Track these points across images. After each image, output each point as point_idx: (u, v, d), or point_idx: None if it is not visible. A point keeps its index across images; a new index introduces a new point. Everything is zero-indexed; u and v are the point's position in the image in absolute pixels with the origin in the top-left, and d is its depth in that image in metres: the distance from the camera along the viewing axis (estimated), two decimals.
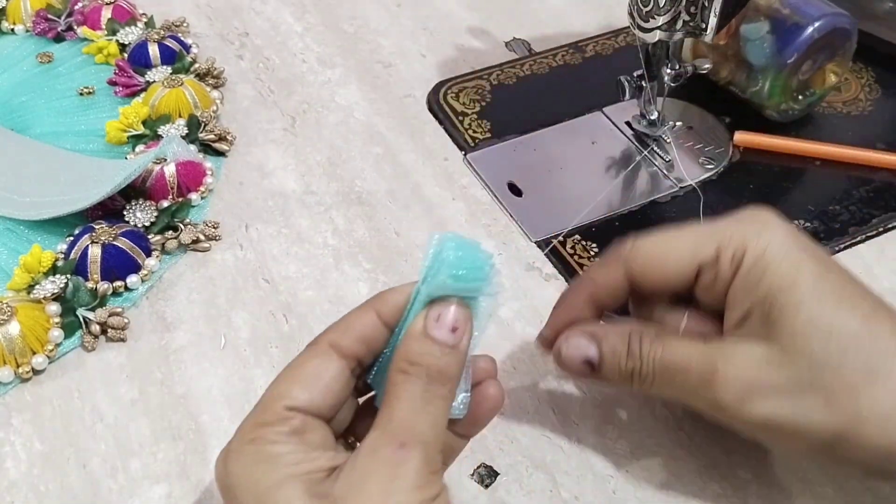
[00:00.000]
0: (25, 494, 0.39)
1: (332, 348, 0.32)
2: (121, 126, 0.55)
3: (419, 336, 0.30)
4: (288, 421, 0.30)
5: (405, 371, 0.30)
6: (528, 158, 0.55)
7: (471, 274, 0.30)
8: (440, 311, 0.30)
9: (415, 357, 0.30)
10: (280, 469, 0.29)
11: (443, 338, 0.30)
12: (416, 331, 0.31)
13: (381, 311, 0.32)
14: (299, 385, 0.31)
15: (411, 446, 0.29)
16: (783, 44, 0.52)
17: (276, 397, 0.31)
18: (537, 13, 0.67)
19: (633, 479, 0.39)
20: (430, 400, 0.30)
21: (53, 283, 0.45)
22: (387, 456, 0.29)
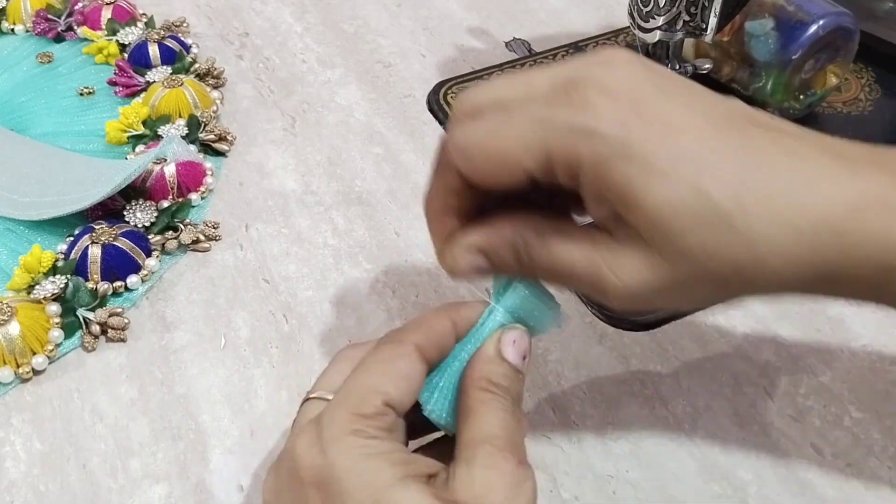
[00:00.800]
0: (25, 494, 0.39)
1: (418, 350, 0.31)
2: (121, 126, 0.55)
3: (496, 358, 0.31)
4: (384, 417, 0.29)
5: (489, 390, 0.30)
6: None
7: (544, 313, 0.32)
8: (514, 336, 0.31)
9: (496, 378, 0.31)
10: (396, 467, 0.28)
11: (517, 362, 0.31)
12: (490, 353, 0.31)
13: (455, 322, 0.32)
14: (393, 382, 0.30)
15: (527, 466, 0.29)
16: (787, 40, 0.52)
17: (373, 391, 0.30)
18: (537, 13, 0.67)
19: (633, 479, 0.39)
20: (518, 419, 0.30)
21: (53, 284, 0.45)
22: (510, 471, 0.29)
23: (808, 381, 0.43)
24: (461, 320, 0.32)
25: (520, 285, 0.32)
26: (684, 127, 0.29)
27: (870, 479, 0.39)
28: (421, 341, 0.31)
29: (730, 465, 0.39)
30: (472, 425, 0.30)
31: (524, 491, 0.28)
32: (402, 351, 0.31)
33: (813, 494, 0.38)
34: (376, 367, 0.31)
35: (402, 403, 0.30)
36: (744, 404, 0.42)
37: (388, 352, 0.31)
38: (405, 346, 0.31)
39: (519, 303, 0.32)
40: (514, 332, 0.31)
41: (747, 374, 0.43)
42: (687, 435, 0.41)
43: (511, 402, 0.30)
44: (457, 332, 0.32)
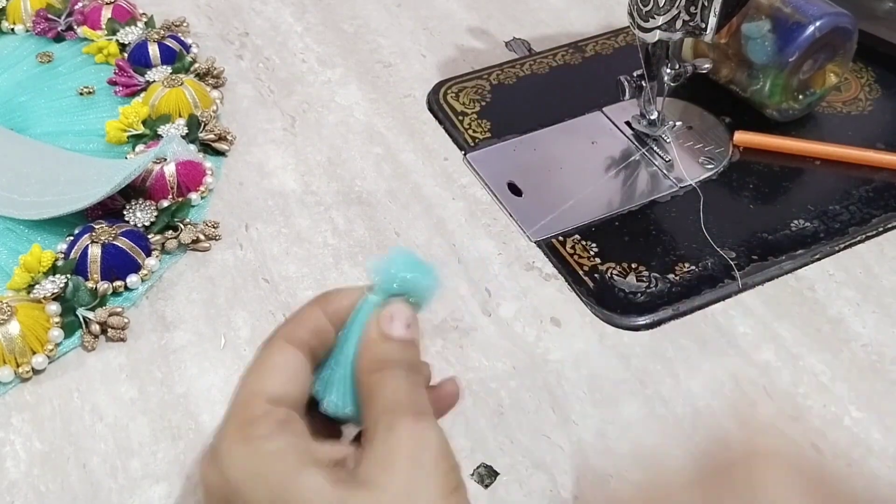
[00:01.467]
0: (25, 494, 0.39)
1: (289, 342, 0.31)
2: (121, 126, 0.55)
3: (378, 339, 0.31)
4: (273, 413, 0.29)
5: (381, 369, 0.30)
6: (528, 158, 0.55)
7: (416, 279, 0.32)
8: (391, 312, 0.31)
9: (383, 356, 0.30)
10: (288, 459, 0.28)
11: (401, 334, 0.31)
12: (373, 336, 0.31)
13: (326, 310, 0.32)
14: (271, 378, 0.31)
15: (426, 417, 0.29)
16: (784, 42, 0.52)
17: (254, 394, 0.30)
18: (537, 13, 0.67)
19: (633, 479, 0.39)
20: (416, 385, 0.30)
21: (53, 283, 0.45)
22: (407, 429, 0.28)
23: (808, 381, 0.43)
24: (333, 307, 0.32)
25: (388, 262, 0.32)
26: None
27: (870, 479, 0.39)
28: (289, 332, 0.32)
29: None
30: (372, 407, 0.30)
31: (426, 446, 0.28)
32: (272, 347, 0.32)
33: None
34: (253, 371, 0.31)
35: (288, 394, 0.30)
36: (744, 404, 0.42)
37: (261, 352, 0.32)
38: (274, 340, 0.32)
39: (389, 278, 0.32)
40: (391, 308, 0.31)
41: (747, 374, 0.43)
42: (687, 435, 0.41)
43: (405, 371, 0.30)
44: (332, 320, 0.32)
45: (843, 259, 0.49)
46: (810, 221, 0.51)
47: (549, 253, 0.49)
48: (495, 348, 0.44)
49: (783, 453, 0.33)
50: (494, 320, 0.46)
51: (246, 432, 0.29)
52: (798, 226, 0.50)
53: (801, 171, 0.54)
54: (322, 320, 0.32)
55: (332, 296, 0.33)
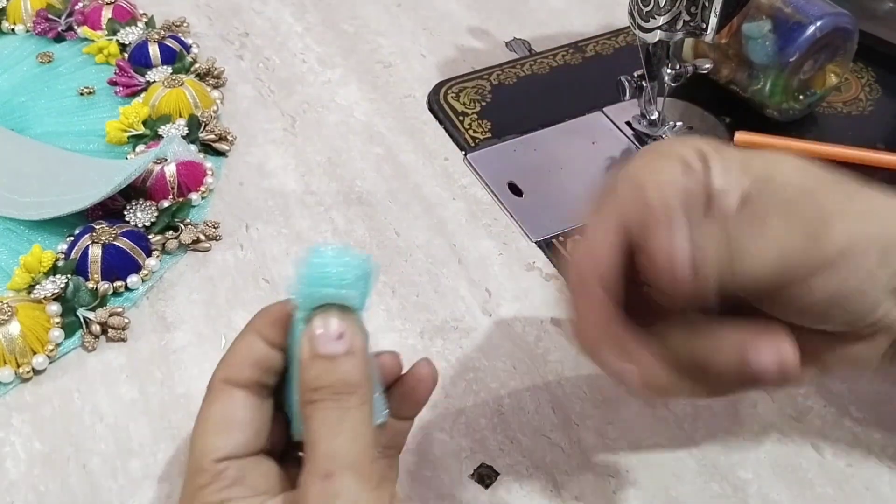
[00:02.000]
0: (25, 494, 0.39)
1: (228, 384, 0.30)
2: (121, 126, 0.55)
3: (310, 360, 0.29)
4: (223, 473, 0.29)
5: (311, 401, 0.29)
6: (528, 158, 0.55)
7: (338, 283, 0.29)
8: (320, 324, 0.29)
9: (314, 383, 0.29)
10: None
11: (332, 350, 0.29)
12: (305, 356, 0.29)
13: (263, 333, 0.31)
14: (214, 434, 0.30)
15: (338, 474, 0.27)
16: (785, 42, 0.52)
17: (201, 455, 0.29)
18: (537, 13, 0.67)
19: (633, 479, 0.39)
20: (344, 416, 0.28)
21: (54, 283, 0.45)
22: (316, 493, 0.27)
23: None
24: (269, 327, 0.31)
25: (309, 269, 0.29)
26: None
27: (870, 479, 0.39)
28: (227, 374, 0.31)
29: (730, 465, 0.39)
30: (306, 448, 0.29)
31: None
32: (211, 397, 0.31)
33: (813, 494, 0.38)
34: (196, 429, 0.30)
35: (239, 445, 0.30)
36: (744, 404, 0.42)
37: (203, 405, 0.31)
38: (213, 389, 0.31)
39: (314, 294, 0.29)
40: (317, 321, 0.29)
41: None
42: (687, 435, 0.41)
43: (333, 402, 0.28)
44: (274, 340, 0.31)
45: None
46: None
47: (550, 253, 0.49)
48: (495, 348, 0.44)
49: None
50: (495, 320, 0.46)
51: (198, 500, 0.29)
52: None
53: None
54: (259, 348, 0.31)
55: (265, 316, 0.31)
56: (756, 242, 0.29)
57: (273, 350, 0.31)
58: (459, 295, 0.47)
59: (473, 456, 0.40)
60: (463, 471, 0.39)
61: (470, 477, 0.39)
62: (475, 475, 0.39)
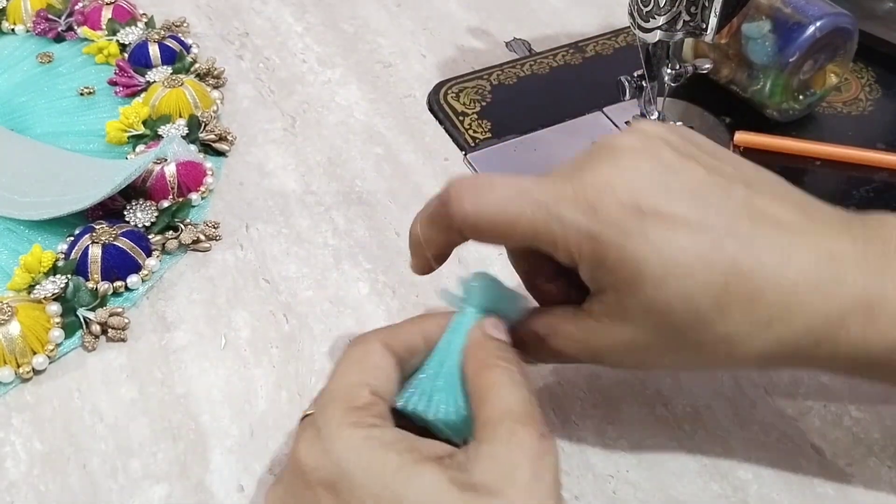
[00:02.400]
0: (25, 494, 0.39)
1: (385, 347, 0.32)
2: (121, 126, 0.55)
3: (486, 339, 0.32)
4: (376, 406, 0.30)
5: (497, 365, 0.31)
6: (528, 158, 0.55)
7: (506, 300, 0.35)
8: (492, 321, 0.33)
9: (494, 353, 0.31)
10: (404, 454, 0.28)
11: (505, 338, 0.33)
12: (479, 337, 0.32)
13: (422, 327, 0.33)
14: (373, 374, 0.31)
15: (549, 438, 0.29)
16: (785, 43, 0.52)
17: (359, 384, 0.30)
18: (537, 13, 0.67)
19: (633, 479, 0.39)
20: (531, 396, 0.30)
21: (54, 283, 0.45)
22: (532, 445, 0.28)
23: (808, 381, 0.43)
24: (427, 329, 0.33)
25: (482, 282, 0.35)
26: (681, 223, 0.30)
27: (870, 479, 0.39)
28: (386, 339, 0.32)
29: (730, 465, 0.39)
30: (488, 405, 0.30)
31: (547, 465, 0.28)
32: (370, 347, 0.32)
33: (813, 494, 0.38)
34: (352, 365, 0.31)
35: (387, 392, 0.31)
36: (744, 404, 0.42)
37: (359, 350, 0.32)
38: (371, 342, 0.32)
39: (485, 299, 0.34)
40: (493, 319, 0.33)
41: (747, 374, 0.43)
42: (687, 435, 0.41)
43: (520, 373, 0.31)
44: (425, 341, 0.33)
45: None
46: None
47: None
48: None
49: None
50: None
51: (353, 418, 0.29)
52: None
53: (801, 171, 0.54)
54: (417, 338, 0.33)
55: (427, 318, 0.34)
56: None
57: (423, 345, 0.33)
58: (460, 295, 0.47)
59: None
60: None
61: None
62: None
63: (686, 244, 0.30)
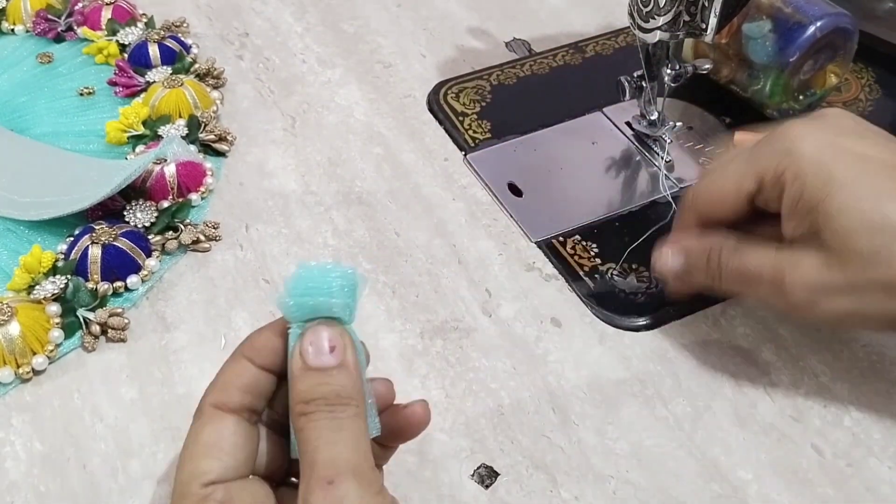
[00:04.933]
0: (25, 494, 0.39)
1: (218, 409, 0.31)
2: (121, 126, 0.55)
3: (302, 373, 0.29)
4: (211, 497, 0.29)
5: (305, 412, 0.29)
6: (528, 159, 0.55)
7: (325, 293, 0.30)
8: (311, 338, 0.30)
9: (306, 395, 0.29)
10: None
11: (325, 363, 0.29)
12: (297, 370, 0.29)
13: (252, 357, 0.31)
14: (203, 458, 0.30)
15: (341, 479, 0.27)
16: (785, 43, 0.52)
17: (189, 479, 0.29)
18: (537, 13, 0.67)
19: (633, 479, 0.39)
20: (341, 426, 0.29)
21: (54, 284, 0.45)
22: (320, 500, 0.27)
23: (808, 381, 0.43)
24: (256, 350, 0.31)
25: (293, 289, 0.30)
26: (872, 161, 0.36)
27: (870, 479, 0.39)
28: (216, 398, 0.31)
29: (730, 465, 0.39)
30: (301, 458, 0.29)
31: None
32: (201, 421, 0.31)
33: (813, 494, 0.38)
34: (184, 453, 0.30)
35: (228, 469, 0.29)
36: (744, 404, 0.42)
37: (192, 429, 0.31)
38: (203, 413, 0.31)
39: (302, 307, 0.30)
40: (308, 335, 0.30)
41: (747, 374, 0.43)
42: (687, 435, 0.41)
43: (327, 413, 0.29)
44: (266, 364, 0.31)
45: None
46: None
47: (550, 253, 0.49)
48: (495, 348, 0.44)
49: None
50: (495, 321, 0.46)
51: None
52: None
53: None
54: (250, 372, 0.31)
55: (254, 339, 0.31)
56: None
57: (263, 374, 0.31)
58: (459, 295, 0.47)
59: (473, 456, 0.40)
60: (463, 471, 0.39)
61: (470, 477, 0.39)
62: (475, 475, 0.39)
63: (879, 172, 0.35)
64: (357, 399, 0.29)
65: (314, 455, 0.28)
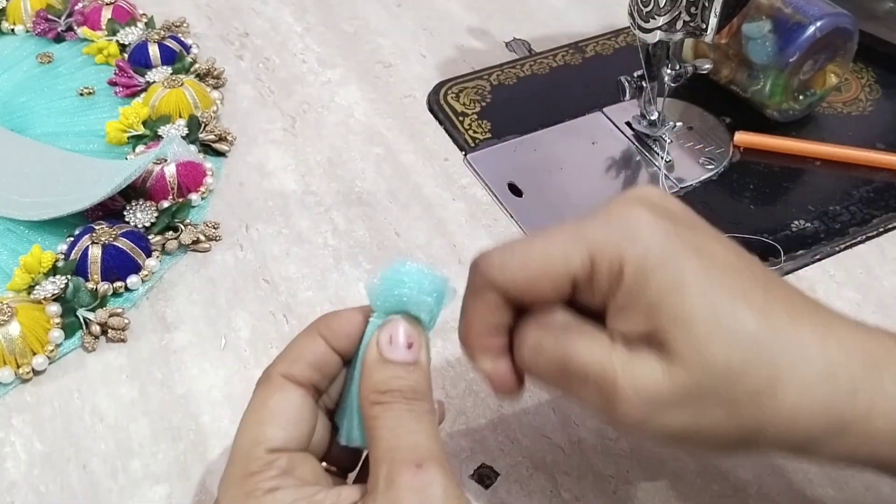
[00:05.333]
0: (25, 495, 0.39)
1: (287, 379, 0.31)
2: (121, 126, 0.55)
3: (378, 364, 0.30)
4: (275, 463, 0.29)
5: (380, 402, 0.29)
6: (528, 158, 0.55)
7: (414, 294, 0.30)
8: (390, 332, 0.30)
9: (382, 386, 0.29)
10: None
11: (402, 357, 0.30)
12: (372, 360, 0.30)
13: (327, 336, 0.31)
14: (270, 424, 0.30)
15: (428, 464, 0.28)
16: (785, 43, 0.52)
17: (254, 443, 0.29)
18: (537, 13, 0.67)
19: (633, 480, 0.39)
20: (419, 417, 0.29)
21: (54, 284, 0.45)
22: (408, 482, 0.27)
23: None
24: (334, 331, 0.31)
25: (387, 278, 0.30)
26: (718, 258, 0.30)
27: (870, 479, 0.39)
28: (287, 369, 0.31)
29: (730, 465, 0.39)
30: (373, 447, 0.29)
31: (430, 497, 0.27)
32: (269, 389, 0.31)
33: (813, 494, 0.38)
34: (248, 418, 0.30)
35: (291, 439, 0.30)
36: None
37: (258, 395, 0.31)
38: (270, 382, 0.31)
39: (390, 300, 0.30)
40: (388, 327, 0.30)
41: None
42: None
43: (405, 402, 0.29)
44: (337, 345, 0.31)
45: (843, 260, 0.49)
46: (811, 222, 0.51)
47: None
48: None
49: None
50: None
51: (248, 487, 0.29)
52: (798, 226, 0.50)
53: (801, 171, 0.54)
54: (321, 349, 0.31)
55: (332, 319, 0.32)
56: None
57: (332, 354, 0.31)
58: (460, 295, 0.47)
59: (473, 456, 0.40)
60: (463, 471, 0.39)
61: (470, 477, 0.39)
62: (475, 475, 0.39)
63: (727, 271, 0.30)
64: (429, 396, 0.30)
65: (396, 441, 0.28)
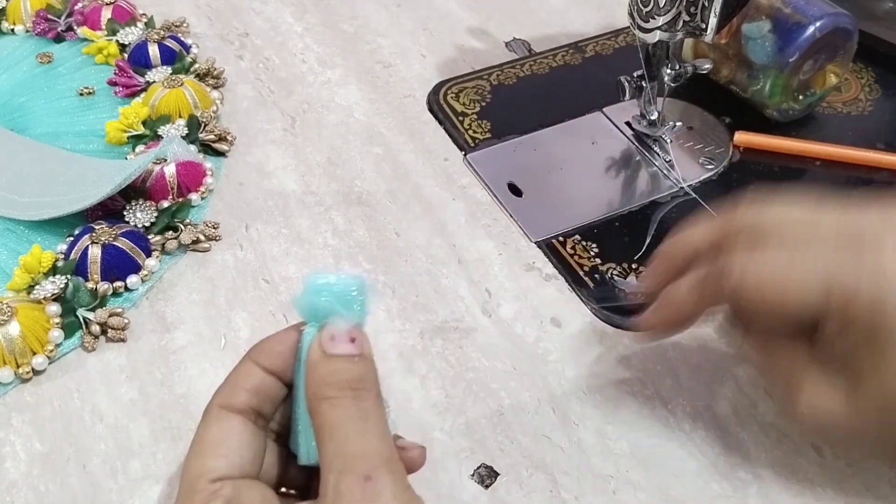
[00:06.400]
0: (25, 495, 0.39)
1: (224, 409, 0.31)
2: (121, 126, 0.55)
3: (321, 360, 0.29)
4: (219, 493, 0.29)
5: (327, 396, 0.29)
6: (528, 158, 0.55)
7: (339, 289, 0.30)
8: (331, 330, 0.30)
9: (328, 377, 0.29)
10: None
11: (347, 350, 0.30)
12: (316, 359, 0.30)
13: (259, 360, 0.31)
14: (210, 455, 0.30)
15: (377, 474, 0.27)
16: (785, 43, 0.52)
17: (197, 476, 0.29)
18: (537, 13, 0.67)
19: (633, 479, 0.39)
20: (367, 415, 0.29)
21: (53, 284, 0.45)
22: (358, 496, 0.27)
23: None
24: (267, 355, 0.31)
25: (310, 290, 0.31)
26: None
27: (870, 479, 0.39)
28: (224, 399, 0.31)
29: (730, 465, 0.39)
30: (321, 450, 0.29)
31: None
32: (208, 421, 0.31)
33: (813, 494, 0.38)
34: (193, 450, 0.30)
35: (234, 466, 0.30)
36: (744, 404, 0.42)
37: (199, 430, 0.31)
38: (210, 413, 0.31)
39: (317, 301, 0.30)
40: (328, 328, 0.30)
41: (747, 374, 0.43)
42: (687, 435, 0.41)
43: (352, 399, 0.29)
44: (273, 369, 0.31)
45: None
46: None
47: (550, 253, 0.49)
48: (495, 349, 0.44)
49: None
50: (494, 321, 0.46)
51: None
52: None
53: (801, 171, 0.54)
54: (258, 374, 0.31)
55: (263, 343, 0.32)
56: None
57: (270, 378, 0.31)
58: (459, 295, 0.47)
59: (473, 456, 0.40)
60: (463, 471, 0.39)
61: (470, 477, 0.39)
62: (475, 475, 0.39)
63: None
64: (377, 389, 0.30)
65: (344, 447, 0.28)
